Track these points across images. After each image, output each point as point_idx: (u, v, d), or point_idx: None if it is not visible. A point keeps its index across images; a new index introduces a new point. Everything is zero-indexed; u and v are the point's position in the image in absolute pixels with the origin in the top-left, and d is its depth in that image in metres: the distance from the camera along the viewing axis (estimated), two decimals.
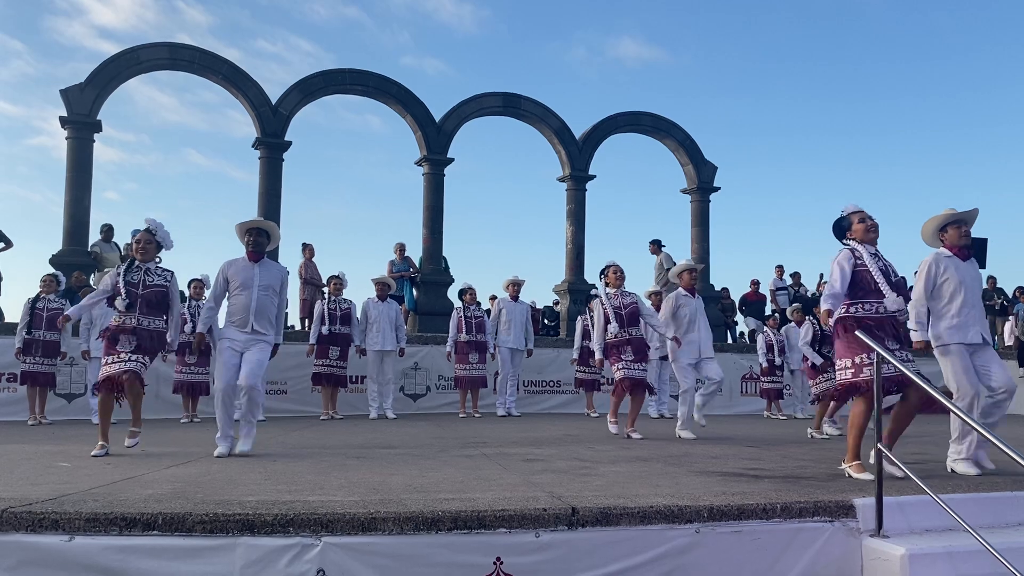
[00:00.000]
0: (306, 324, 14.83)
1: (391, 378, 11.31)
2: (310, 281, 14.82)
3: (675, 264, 11.27)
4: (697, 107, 40.86)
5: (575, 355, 12.10)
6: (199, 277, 10.73)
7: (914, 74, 39.90)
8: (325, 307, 10.99)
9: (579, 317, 12.46)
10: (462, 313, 11.48)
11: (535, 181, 38.69)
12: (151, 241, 6.65)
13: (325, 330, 10.83)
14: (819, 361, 9.00)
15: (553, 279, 17.69)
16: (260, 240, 6.48)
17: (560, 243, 17.82)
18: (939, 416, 9.12)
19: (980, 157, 40.23)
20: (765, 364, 12.41)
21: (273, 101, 15.86)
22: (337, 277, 11.29)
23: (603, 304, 8.34)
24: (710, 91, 42.23)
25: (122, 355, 6.26)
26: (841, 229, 5.61)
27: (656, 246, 15.71)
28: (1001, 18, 36.08)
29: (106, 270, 11.89)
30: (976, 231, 5.84)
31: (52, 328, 10.04)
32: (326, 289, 11.71)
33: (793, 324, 12.49)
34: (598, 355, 8.42)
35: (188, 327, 10.18)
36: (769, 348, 12.38)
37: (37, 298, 10.21)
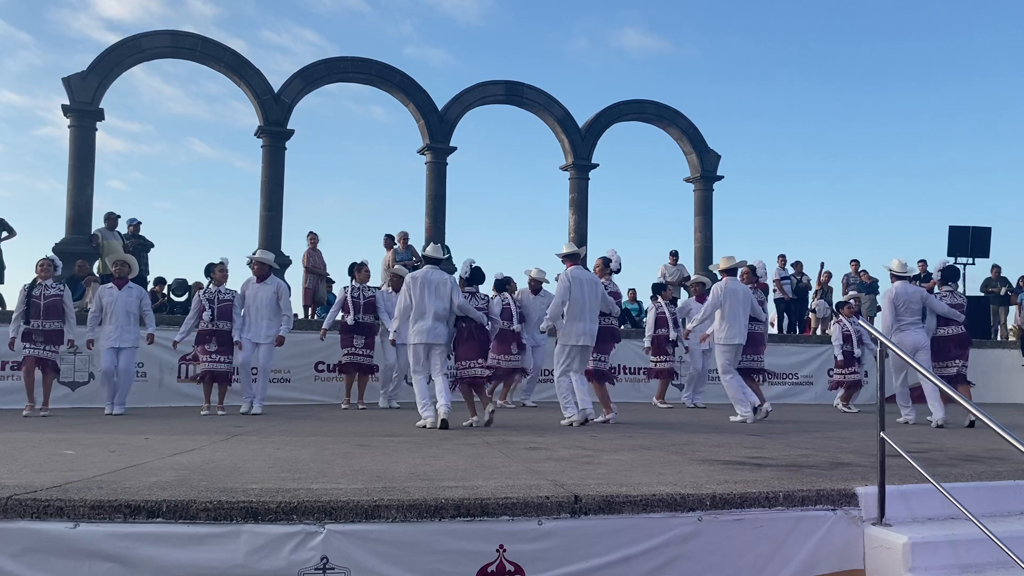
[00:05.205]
0: (310, 312, 14.84)
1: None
2: (312, 270, 14.79)
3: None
4: (700, 96, 40.77)
5: (647, 343, 11.83)
6: (220, 260, 10.12)
7: (919, 59, 39.73)
8: (349, 296, 10.68)
9: (652, 305, 12.14)
10: (509, 301, 10.99)
11: (538, 170, 38.69)
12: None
13: (350, 320, 10.53)
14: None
15: (556, 268, 17.70)
16: None
17: (563, 232, 17.82)
18: (945, 407, 9.17)
19: (987, 144, 40.10)
20: (841, 356, 11.69)
21: (276, 89, 15.82)
22: (364, 264, 11.06)
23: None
24: (713, 80, 42.09)
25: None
26: None
27: (389, 240, 14.91)
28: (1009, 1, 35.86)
29: (109, 256, 11.83)
30: (979, 221, 5.92)
31: (51, 316, 9.41)
32: (344, 277, 11.20)
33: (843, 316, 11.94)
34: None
35: (207, 315, 9.72)
36: (846, 339, 11.62)
37: (33, 284, 9.49)
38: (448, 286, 8.14)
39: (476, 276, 9.31)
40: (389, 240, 14.79)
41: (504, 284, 11.24)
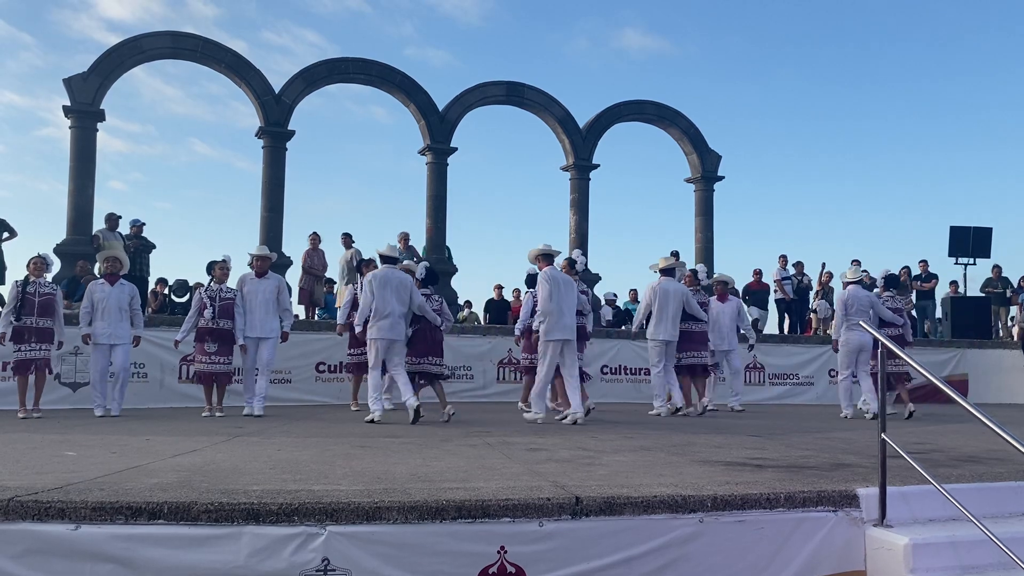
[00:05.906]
0: (310, 313, 14.82)
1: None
2: (309, 270, 14.74)
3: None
4: (701, 96, 40.80)
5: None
6: (222, 258, 9.95)
7: (919, 59, 39.73)
8: (359, 293, 10.23)
9: None
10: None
11: (538, 170, 38.79)
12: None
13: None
14: None
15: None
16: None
17: (564, 232, 17.83)
18: (945, 407, 9.24)
19: (987, 144, 40.10)
20: None
21: (277, 90, 15.83)
22: (371, 261, 10.89)
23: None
24: (713, 80, 42.12)
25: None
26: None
27: (347, 239, 14.69)
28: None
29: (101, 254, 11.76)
30: (980, 221, 5.96)
31: (45, 314, 9.25)
32: (355, 276, 10.98)
33: None
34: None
35: (208, 312, 9.56)
36: None
37: (27, 281, 9.28)
38: (408, 286, 8.65)
39: (431, 277, 9.75)
40: (347, 239, 14.60)
41: (535, 280, 11.12)
